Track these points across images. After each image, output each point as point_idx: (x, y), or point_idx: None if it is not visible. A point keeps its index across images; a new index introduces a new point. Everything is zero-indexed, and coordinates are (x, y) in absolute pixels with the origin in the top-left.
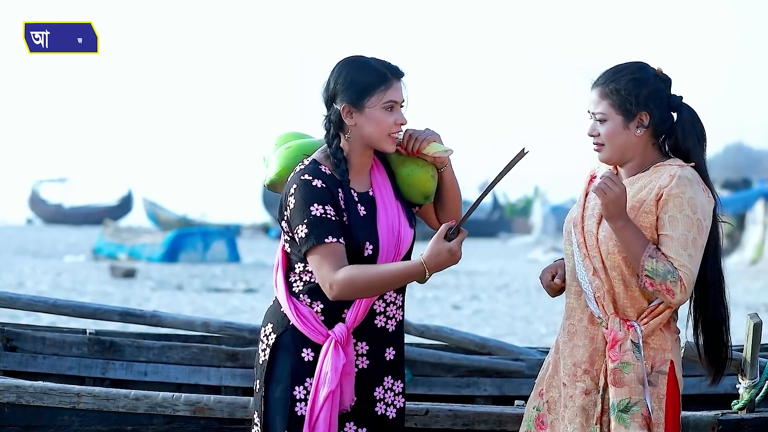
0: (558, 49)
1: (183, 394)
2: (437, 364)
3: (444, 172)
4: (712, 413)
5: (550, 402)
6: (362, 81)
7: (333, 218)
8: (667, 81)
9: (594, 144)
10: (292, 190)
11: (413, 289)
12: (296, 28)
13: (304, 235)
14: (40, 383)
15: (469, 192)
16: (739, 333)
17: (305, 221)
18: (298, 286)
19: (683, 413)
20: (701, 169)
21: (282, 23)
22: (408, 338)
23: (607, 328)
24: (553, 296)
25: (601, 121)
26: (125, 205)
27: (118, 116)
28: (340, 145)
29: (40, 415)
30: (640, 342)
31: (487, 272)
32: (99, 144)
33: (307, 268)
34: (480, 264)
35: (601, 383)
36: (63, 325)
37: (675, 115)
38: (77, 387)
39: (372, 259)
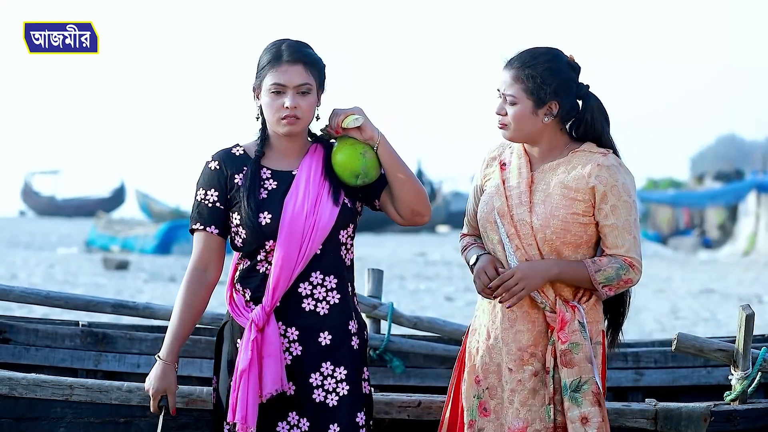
0: (546, 40)
1: None
2: (430, 355)
3: (379, 150)
4: (705, 404)
5: (490, 388)
6: (260, 63)
7: (208, 204)
8: (576, 69)
9: (499, 123)
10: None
11: (405, 280)
12: (290, 25)
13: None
14: (32, 375)
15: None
16: (731, 324)
17: (192, 204)
18: (236, 275)
19: (675, 404)
20: (616, 152)
21: (276, 19)
22: (400, 330)
23: (553, 312)
24: (488, 297)
25: (511, 103)
26: (118, 197)
27: (111, 108)
28: (266, 124)
29: (32, 407)
30: (585, 321)
31: None
32: (92, 136)
33: (240, 257)
34: None
35: (550, 364)
36: (56, 317)
37: (581, 102)
38: (70, 379)
39: (271, 228)
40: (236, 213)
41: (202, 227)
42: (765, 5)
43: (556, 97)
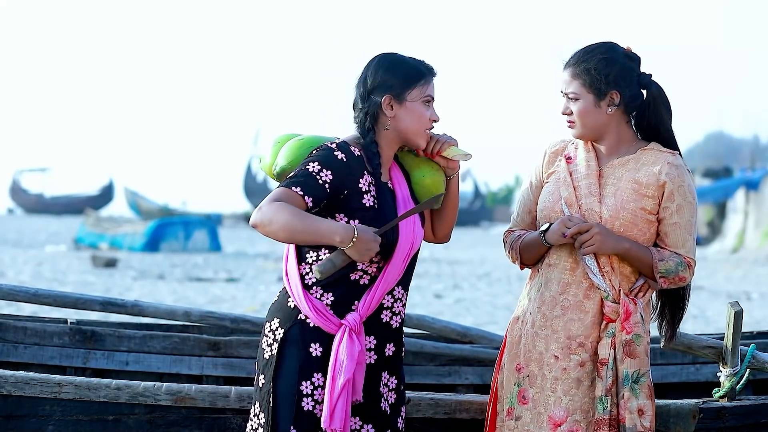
0: (538, 36)
1: (164, 384)
2: (419, 352)
3: (452, 180)
4: (693, 401)
5: (531, 376)
6: (404, 75)
7: (319, 180)
8: (635, 59)
9: (567, 122)
10: (311, 153)
11: None
12: (278, 23)
13: (286, 178)
14: (21, 373)
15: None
16: (720, 321)
17: (297, 170)
18: (310, 278)
19: (664, 402)
20: (680, 152)
21: (263, 18)
22: None
23: (615, 303)
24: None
25: (574, 99)
26: (106, 195)
27: (100, 106)
28: (375, 138)
29: (21, 404)
30: (643, 315)
31: (468, 261)
32: (80, 133)
33: (318, 257)
34: (461, 253)
35: (610, 356)
36: (44, 314)
37: (644, 92)
38: (58, 377)
39: (392, 244)
40: (355, 221)
41: (300, 191)
42: (755, 2)
43: (616, 87)
